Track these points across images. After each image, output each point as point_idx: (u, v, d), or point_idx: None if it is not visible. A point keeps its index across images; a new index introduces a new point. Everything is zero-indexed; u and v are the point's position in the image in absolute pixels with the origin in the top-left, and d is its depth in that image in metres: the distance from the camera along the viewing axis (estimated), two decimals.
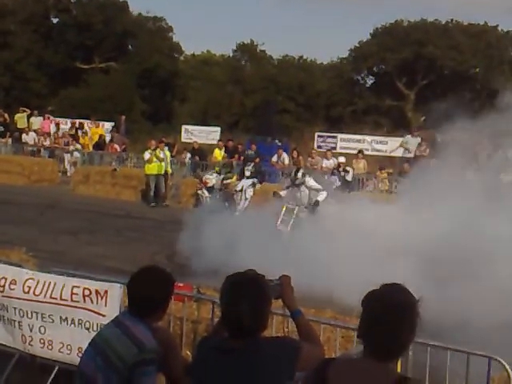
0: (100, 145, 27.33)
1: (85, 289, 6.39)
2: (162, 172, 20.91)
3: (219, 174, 20.23)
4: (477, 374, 5.37)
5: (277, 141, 25.62)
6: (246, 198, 18.53)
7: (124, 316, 3.76)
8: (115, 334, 3.63)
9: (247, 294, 3.05)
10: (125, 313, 3.82)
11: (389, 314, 2.73)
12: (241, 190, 18.60)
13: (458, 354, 5.37)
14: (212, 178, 19.80)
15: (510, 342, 6.73)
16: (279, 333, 6.21)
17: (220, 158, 24.38)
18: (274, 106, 30.69)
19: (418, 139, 22.92)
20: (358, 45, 44.59)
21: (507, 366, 5.13)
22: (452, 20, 43.55)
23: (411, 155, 22.23)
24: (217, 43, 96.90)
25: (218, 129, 33.26)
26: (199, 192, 19.93)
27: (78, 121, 31.13)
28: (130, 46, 45.68)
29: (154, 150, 20.86)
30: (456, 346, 5.37)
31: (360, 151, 22.94)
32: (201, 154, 25.41)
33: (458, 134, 14.37)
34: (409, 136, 23.72)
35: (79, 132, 28.69)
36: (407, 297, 2.81)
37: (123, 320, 3.70)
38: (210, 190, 19.59)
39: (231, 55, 50.00)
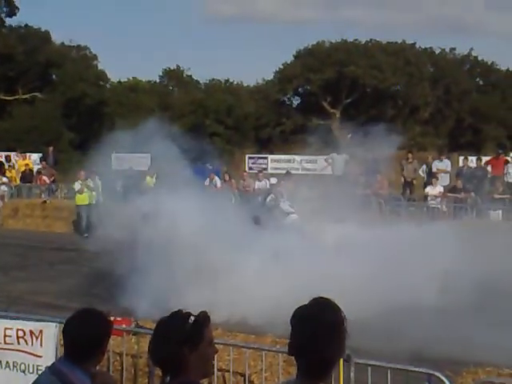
0: (27, 177, 26.71)
1: (18, 330, 6.21)
2: (94, 202, 20.59)
3: None
4: None
5: (208, 164, 25.60)
6: None
7: (60, 362, 3.63)
8: (51, 383, 3.50)
9: (162, 335, 2.98)
10: (61, 358, 3.70)
11: (319, 334, 2.71)
12: None
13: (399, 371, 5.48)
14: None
15: None
16: (221, 361, 6.20)
17: (152, 185, 24.16)
18: (203, 130, 30.78)
19: (345, 156, 23.17)
20: (282, 67, 45.31)
21: (446, 381, 5.25)
22: (371, 40, 44.83)
23: (339, 173, 22.49)
24: (143, 70, 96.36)
25: (148, 155, 33.01)
26: None
27: (4, 153, 30.37)
28: (54, 76, 45.00)
29: (85, 179, 20.56)
30: (396, 365, 5.46)
31: (287, 172, 23.10)
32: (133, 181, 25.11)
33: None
34: (334, 154, 23.98)
35: (6, 165, 27.98)
36: (336, 315, 2.79)
37: (59, 366, 3.57)
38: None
39: (158, 81, 50.01)
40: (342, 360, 5.36)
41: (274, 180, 21.32)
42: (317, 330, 2.72)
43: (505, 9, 69.21)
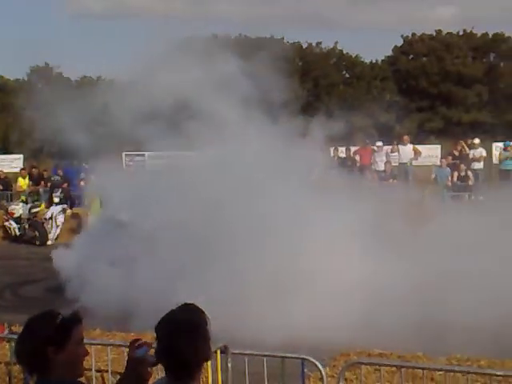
0: None
1: None
2: None
3: (26, 203, 19.57)
4: (296, 374, 5.72)
5: (84, 164, 25.03)
6: (56, 226, 18.13)
7: None
8: None
9: (27, 334, 2.96)
10: None
11: (178, 337, 2.79)
12: (51, 218, 18.14)
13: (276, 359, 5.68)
14: (18, 208, 19.07)
15: None
16: (99, 362, 6.18)
17: (25, 187, 23.37)
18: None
19: None
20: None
21: (319, 365, 5.50)
22: (240, 35, 45.30)
23: None
24: (10, 69, 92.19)
25: (21, 156, 31.91)
26: (6, 224, 19.10)
27: None
28: None
29: None
30: (272, 352, 5.66)
31: None
32: (4, 183, 24.20)
33: None
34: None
35: None
36: (195, 317, 2.88)
37: None
38: (18, 220, 18.86)
39: (26, 79, 48.27)
40: (219, 351, 5.50)
41: None
42: (174, 333, 2.80)
43: (364, 2, 72.07)
